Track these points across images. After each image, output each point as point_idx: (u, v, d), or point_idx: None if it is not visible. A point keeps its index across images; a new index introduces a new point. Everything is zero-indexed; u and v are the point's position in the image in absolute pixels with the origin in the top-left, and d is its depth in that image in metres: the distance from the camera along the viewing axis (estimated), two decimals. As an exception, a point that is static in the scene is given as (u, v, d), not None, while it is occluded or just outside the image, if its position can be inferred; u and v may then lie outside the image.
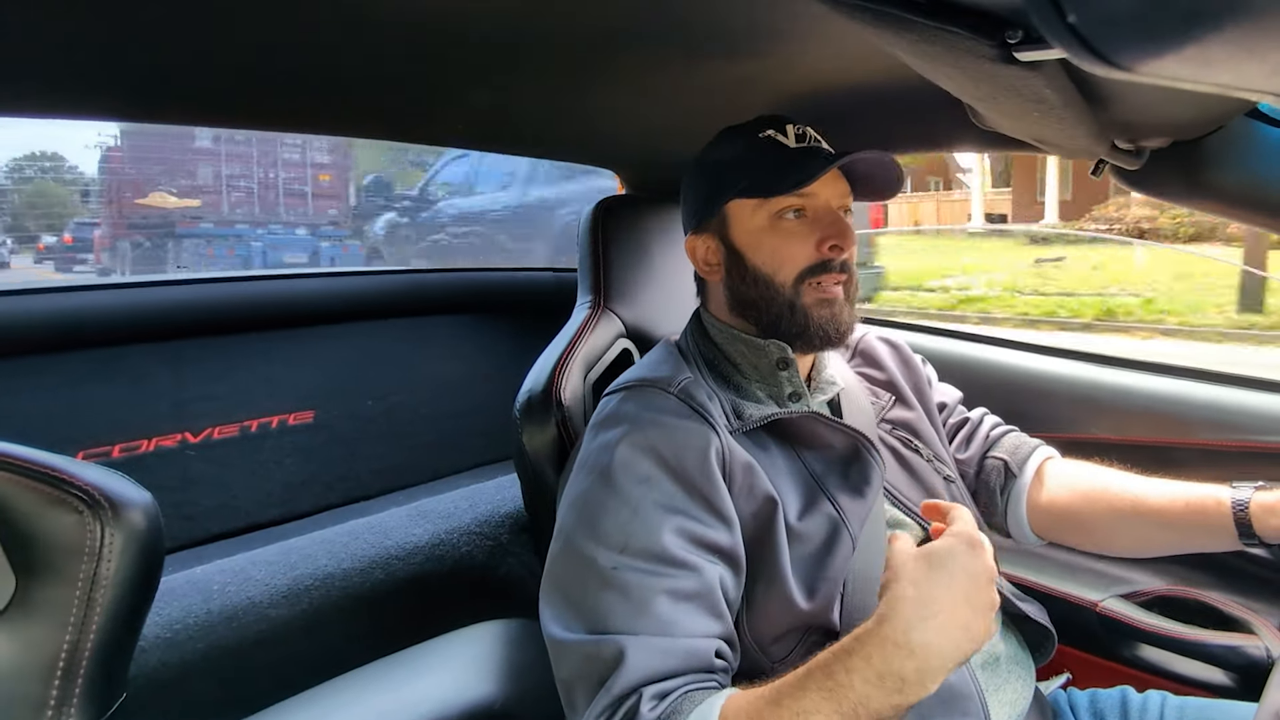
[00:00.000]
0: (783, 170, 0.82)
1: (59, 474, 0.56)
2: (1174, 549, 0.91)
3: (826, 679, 0.59)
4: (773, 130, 0.85)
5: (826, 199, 0.84)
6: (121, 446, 1.31)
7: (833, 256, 0.82)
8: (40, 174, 6.13)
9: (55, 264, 5.72)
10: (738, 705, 0.62)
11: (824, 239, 0.82)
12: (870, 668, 0.58)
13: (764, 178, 0.83)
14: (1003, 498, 0.98)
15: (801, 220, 0.83)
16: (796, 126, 0.86)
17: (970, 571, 0.63)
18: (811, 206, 0.83)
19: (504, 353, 1.84)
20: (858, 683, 0.58)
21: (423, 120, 1.15)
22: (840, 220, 0.83)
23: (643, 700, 0.63)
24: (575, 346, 1.03)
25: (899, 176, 0.86)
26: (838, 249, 0.82)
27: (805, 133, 0.86)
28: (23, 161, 5.83)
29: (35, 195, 6.04)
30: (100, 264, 5.56)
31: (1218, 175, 0.76)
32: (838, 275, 0.83)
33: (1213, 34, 0.28)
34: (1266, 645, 1.03)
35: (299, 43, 0.80)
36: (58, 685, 0.54)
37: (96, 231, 5.66)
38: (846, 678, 0.58)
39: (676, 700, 0.63)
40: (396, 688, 0.97)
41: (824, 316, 0.83)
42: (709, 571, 0.71)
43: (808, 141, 0.85)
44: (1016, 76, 0.46)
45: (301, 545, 1.23)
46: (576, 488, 0.78)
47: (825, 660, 0.61)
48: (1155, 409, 1.22)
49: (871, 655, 0.59)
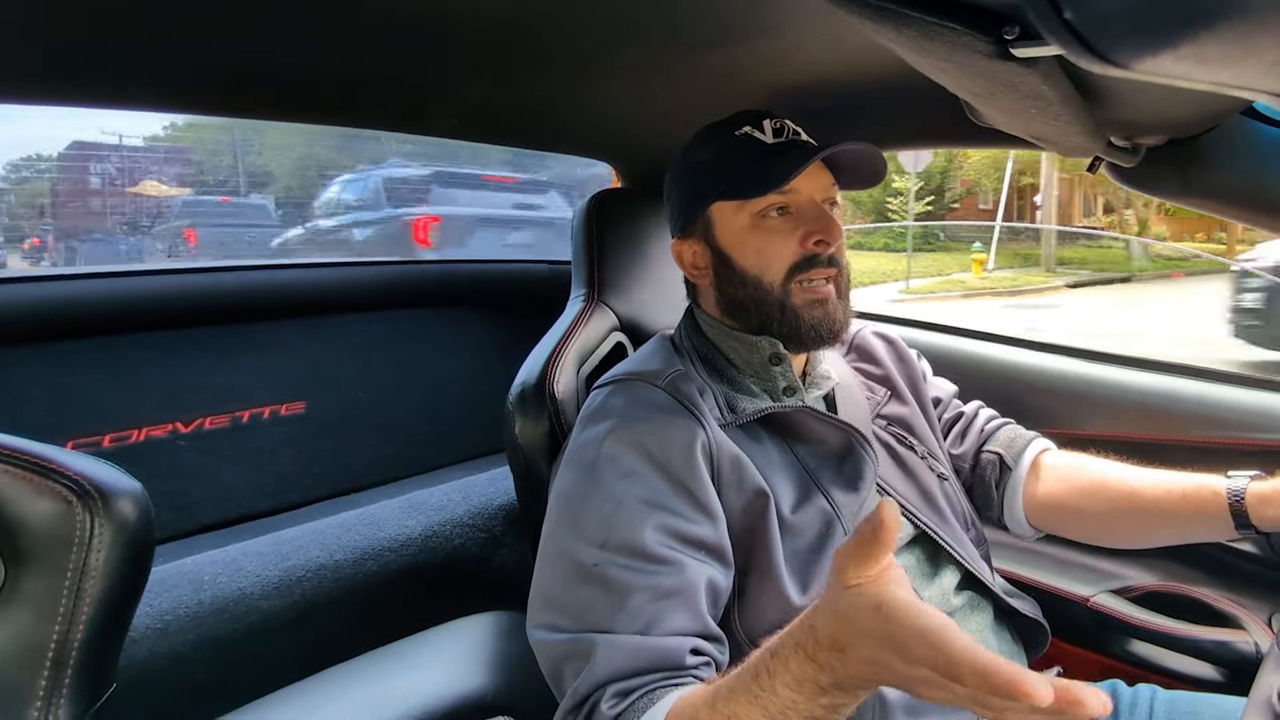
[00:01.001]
0: (761, 169, 0.81)
1: (48, 463, 0.56)
2: (1170, 540, 0.91)
3: (753, 682, 0.55)
4: (749, 126, 0.84)
5: (809, 193, 0.83)
6: (112, 436, 1.31)
7: (818, 251, 0.82)
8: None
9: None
10: (683, 704, 0.61)
11: (808, 234, 0.82)
12: (789, 674, 0.53)
13: (743, 178, 0.82)
14: (998, 491, 0.98)
15: (785, 217, 0.83)
16: (774, 120, 0.85)
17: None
18: (794, 203, 0.83)
19: (497, 345, 1.83)
20: (779, 687, 0.54)
21: (418, 112, 1.15)
22: (824, 214, 0.83)
23: (604, 699, 0.63)
24: (569, 340, 1.03)
25: (882, 166, 0.86)
26: (823, 243, 0.82)
27: (783, 126, 0.85)
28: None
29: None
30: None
31: (1213, 173, 0.76)
32: (825, 270, 0.83)
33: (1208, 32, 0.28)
34: (1255, 640, 1.03)
35: (296, 33, 0.79)
36: (47, 676, 0.54)
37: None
38: (769, 681, 0.54)
39: (636, 699, 0.63)
40: (388, 680, 0.97)
41: (816, 317, 0.83)
42: (692, 568, 0.70)
43: (786, 135, 0.84)
44: (1013, 73, 0.46)
45: (293, 536, 1.23)
46: (563, 482, 0.78)
47: (754, 661, 0.57)
48: (1148, 405, 1.22)
49: (789, 661, 0.53)
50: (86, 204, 6.34)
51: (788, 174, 0.79)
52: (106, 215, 6.23)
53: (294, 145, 7.15)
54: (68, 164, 6.07)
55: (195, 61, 0.84)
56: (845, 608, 0.49)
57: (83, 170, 6.09)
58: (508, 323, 1.86)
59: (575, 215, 1.13)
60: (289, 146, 7.20)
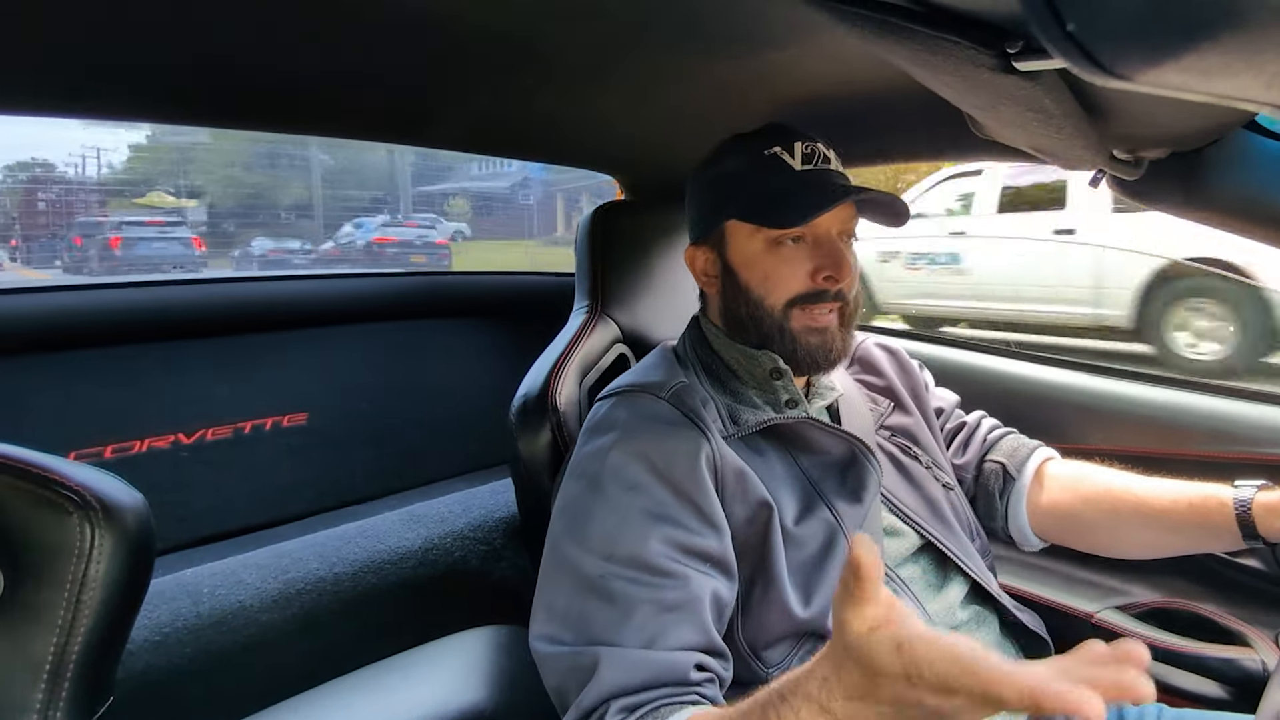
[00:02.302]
0: (785, 200, 0.80)
1: (50, 474, 0.55)
2: (1177, 550, 0.90)
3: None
4: (779, 147, 0.83)
5: (828, 226, 0.82)
6: (114, 447, 1.31)
7: (826, 287, 0.82)
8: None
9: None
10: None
11: (818, 269, 0.81)
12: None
13: (765, 204, 0.81)
14: (1002, 501, 0.98)
15: (800, 246, 0.82)
16: (805, 144, 0.83)
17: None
18: (812, 233, 0.82)
19: (499, 357, 1.84)
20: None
21: (424, 124, 1.15)
22: (838, 250, 0.82)
23: (609, 713, 0.62)
24: (571, 351, 1.03)
25: (904, 212, 0.84)
26: (832, 279, 0.81)
27: (814, 151, 0.83)
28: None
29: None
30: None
31: (1216, 186, 0.76)
32: (830, 304, 0.82)
33: (1211, 45, 0.28)
34: (1262, 658, 1.02)
35: (299, 44, 0.80)
36: (44, 687, 0.54)
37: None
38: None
39: (642, 715, 0.62)
40: (388, 693, 0.96)
41: (813, 344, 0.83)
42: (697, 581, 0.70)
43: (815, 163, 0.83)
44: (1016, 86, 0.46)
45: (293, 549, 1.22)
46: (567, 494, 0.78)
47: (761, 702, 0.55)
48: (1152, 419, 1.22)
49: (801, 712, 0.51)
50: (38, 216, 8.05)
51: (808, 213, 0.78)
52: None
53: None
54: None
55: (197, 73, 0.85)
56: (863, 655, 0.47)
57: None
58: (510, 334, 1.87)
59: (579, 227, 1.13)
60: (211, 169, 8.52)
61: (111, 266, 6.83)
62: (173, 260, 7.21)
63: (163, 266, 7.02)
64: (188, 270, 7.14)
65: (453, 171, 11.79)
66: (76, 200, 7.86)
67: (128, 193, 8.08)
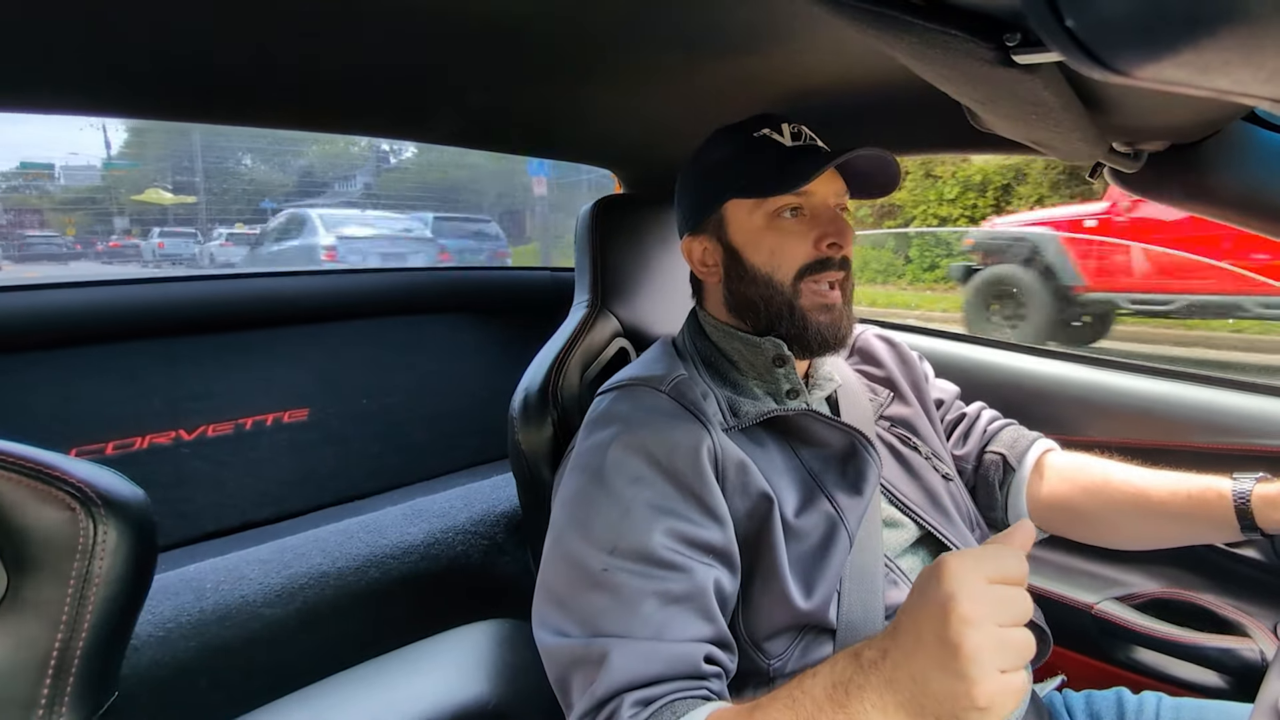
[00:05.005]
0: (781, 169, 0.82)
1: (52, 470, 0.56)
2: (1176, 541, 0.91)
3: (790, 702, 0.55)
4: (768, 129, 0.85)
5: (824, 197, 0.84)
6: (115, 443, 1.31)
7: (831, 255, 0.83)
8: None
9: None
10: (719, 717, 0.60)
11: (822, 236, 0.83)
12: (864, 696, 0.52)
13: (762, 177, 0.83)
14: (1002, 492, 0.98)
15: (799, 219, 0.83)
16: (791, 125, 0.86)
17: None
18: (809, 205, 0.84)
19: (500, 352, 1.84)
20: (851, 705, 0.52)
21: (421, 119, 1.15)
22: (838, 217, 0.84)
23: (624, 706, 0.62)
24: (572, 346, 1.03)
25: (896, 174, 0.86)
26: (836, 246, 0.83)
27: (800, 131, 0.86)
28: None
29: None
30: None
31: (1215, 179, 0.76)
32: (835, 273, 0.84)
33: (1209, 38, 0.28)
34: (1260, 647, 1.03)
35: (297, 40, 0.80)
36: (49, 684, 0.54)
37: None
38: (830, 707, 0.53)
39: (658, 709, 0.62)
40: (391, 687, 0.96)
41: (823, 322, 0.83)
42: (701, 573, 0.70)
43: (803, 140, 0.85)
44: (1014, 79, 0.46)
45: (296, 544, 1.23)
46: (569, 488, 0.78)
47: (786, 694, 0.56)
48: (1150, 411, 1.22)
49: (865, 689, 0.52)
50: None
51: (808, 174, 0.80)
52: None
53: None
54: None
55: (195, 69, 0.85)
56: (907, 603, 0.53)
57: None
58: (511, 329, 1.87)
59: (579, 221, 1.13)
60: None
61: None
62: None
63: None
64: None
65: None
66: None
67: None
